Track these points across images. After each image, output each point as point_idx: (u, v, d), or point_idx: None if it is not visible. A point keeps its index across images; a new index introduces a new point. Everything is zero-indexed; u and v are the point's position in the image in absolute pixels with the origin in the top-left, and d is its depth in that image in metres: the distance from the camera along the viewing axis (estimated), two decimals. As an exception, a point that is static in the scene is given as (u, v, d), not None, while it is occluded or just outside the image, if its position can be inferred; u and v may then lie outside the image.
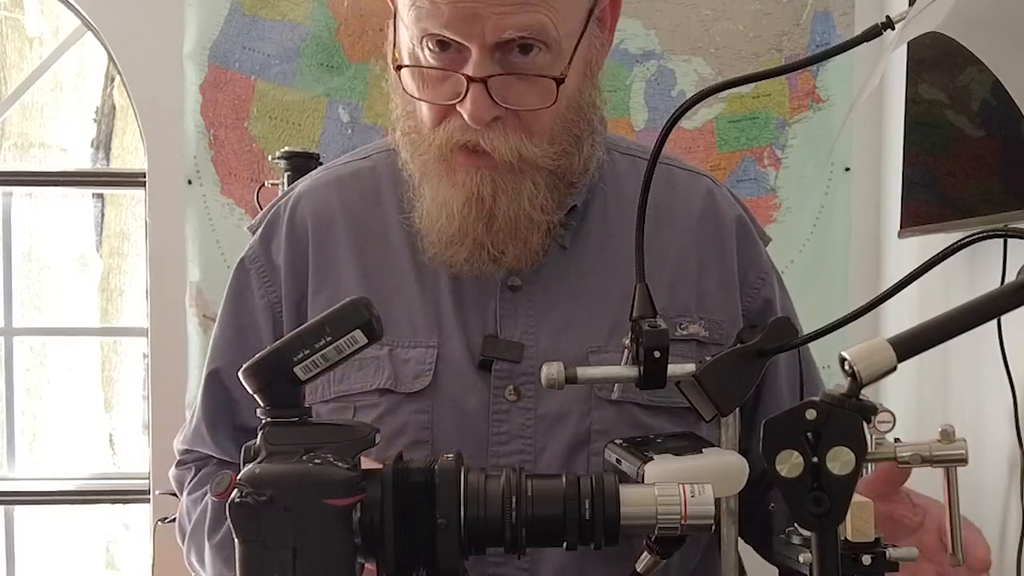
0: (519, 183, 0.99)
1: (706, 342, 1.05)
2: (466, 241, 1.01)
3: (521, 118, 0.97)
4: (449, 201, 1.00)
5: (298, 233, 1.09)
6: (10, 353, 2.90)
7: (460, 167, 0.99)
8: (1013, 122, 1.67)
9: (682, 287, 1.06)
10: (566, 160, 1.02)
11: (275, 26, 2.44)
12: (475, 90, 0.93)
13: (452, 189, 0.99)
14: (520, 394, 1.02)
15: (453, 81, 0.95)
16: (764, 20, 2.46)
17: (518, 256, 1.02)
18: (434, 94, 0.97)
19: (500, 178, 0.98)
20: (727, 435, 0.92)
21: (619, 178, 1.11)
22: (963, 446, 0.75)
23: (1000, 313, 0.68)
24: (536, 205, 1.00)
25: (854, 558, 0.77)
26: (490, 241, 1.01)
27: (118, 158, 4.22)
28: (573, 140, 1.02)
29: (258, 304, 1.09)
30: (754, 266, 1.12)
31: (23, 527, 3.00)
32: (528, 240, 1.01)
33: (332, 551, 0.70)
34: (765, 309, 1.11)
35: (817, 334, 0.74)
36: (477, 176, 0.98)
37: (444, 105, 0.97)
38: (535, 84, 0.95)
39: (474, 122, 0.95)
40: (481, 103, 0.93)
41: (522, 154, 0.97)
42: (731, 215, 1.12)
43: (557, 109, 0.97)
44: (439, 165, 1.00)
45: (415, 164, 1.03)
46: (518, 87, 0.95)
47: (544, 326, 1.04)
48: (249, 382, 0.73)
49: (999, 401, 1.72)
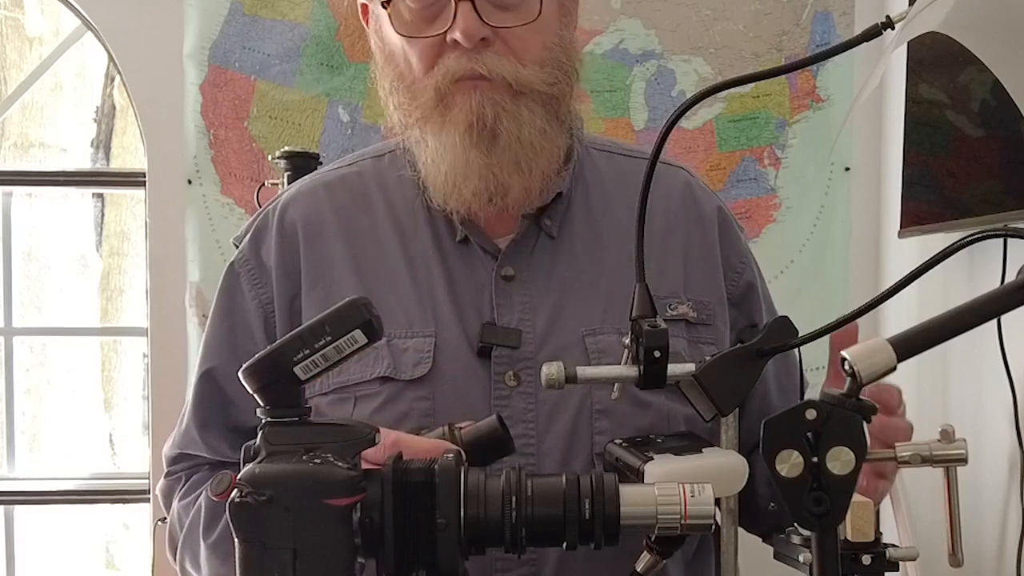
0: (518, 105, 1.02)
1: (695, 322, 1.08)
2: (471, 174, 1.02)
3: (510, 45, 1.01)
4: (452, 133, 1.02)
5: (288, 235, 1.10)
6: (10, 353, 2.90)
7: (460, 98, 1.01)
8: (1013, 122, 1.67)
9: (669, 271, 1.09)
10: (557, 89, 1.05)
11: (275, 26, 2.44)
12: (463, 8, 0.98)
13: (453, 120, 1.02)
14: (520, 379, 1.03)
15: (441, 19, 0.99)
16: (764, 20, 2.46)
17: (523, 187, 1.04)
18: (423, 33, 1.01)
19: (499, 96, 1.01)
20: (727, 435, 0.92)
21: (598, 172, 1.14)
22: (963, 446, 0.75)
23: (1000, 313, 0.68)
24: (535, 129, 1.02)
25: (854, 558, 0.77)
26: (495, 167, 1.02)
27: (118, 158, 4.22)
28: (561, 72, 1.05)
29: (249, 305, 1.10)
30: (735, 252, 1.15)
31: (23, 527, 3.00)
32: (532, 169, 1.03)
33: (332, 551, 0.70)
34: (748, 292, 1.14)
35: (817, 334, 0.74)
36: (477, 95, 1.01)
37: (435, 46, 1.01)
38: (517, 9, 1.00)
39: (467, 39, 0.98)
40: (471, 19, 0.98)
41: (518, 77, 1.01)
42: (711, 205, 1.16)
43: (541, 32, 1.02)
44: (439, 106, 1.02)
45: (414, 118, 1.05)
46: (502, 13, 1.00)
47: (539, 312, 1.06)
48: (249, 382, 0.73)
49: (999, 401, 1.72)
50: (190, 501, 1.09)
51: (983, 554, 1.80)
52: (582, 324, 1.06)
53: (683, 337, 1.06)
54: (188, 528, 1.08)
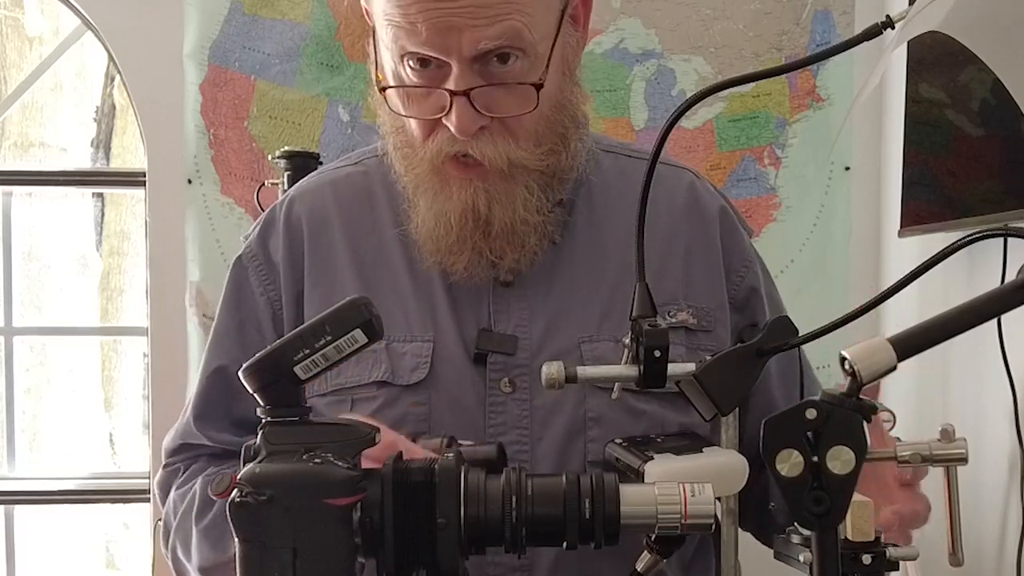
0: (512, 190, 1.01)
1: (695, 329, 1.07)
2: (464, 249, 1.03)
3: (506, 125, 0.99)
4: (446, 212, 1.02)
5: (294, 231, 1.11)
6: (10, 353, 2.90)
7: (453, 179, 1.01)
8: (1013, 122, 1.67)
9: (669, 276, 1.08)
10: (554, 159, 1.04)
11: (275, 25, 2.44)
12: (459, 103, 0.96)
13: (448, 202, 1.02)
14: (515, 386, 1.03)
15: (437, 96, 0.97)
16: (764, 19, 2.46)
17: (516, 259, 1.04)
18: (420, 110, 1.00)
19: (493, 187, 1.01)
20: (727, 435, 0.92)
21: (603, 173, 1.13)
22: (963, 445, 0.75)
23: (1000, 313, 0.68)
24: (531, 208, 1.02)
25: (854, 557, 0.77)
26: (488, 248, 1.03)
27: (118, 158, 4.22)
28: (559, 139, 1.04)
29: (258, 300, 1.10)
30: (738, 255, 1.13)
31: (23, 527, 2.99)
32: (525, 243, 1.04)
33: (332, 551, 0.70)
34: (751, 296, 1.13)
35: (817, 334, 0.74)
36: (471, 188, 1.00)
37: (431, 120, 0.99)
38: (516, 91, 0.98)
39: (461, 134, 0.97)
40: (466, 115, 0.96)
41: (511, 159, 0.99)
42: (714, 206, 1.14)
43: (540, 112, 1.00)
44: (432, 178, 1.02)
45: (409, 177, 1.05)
46: (500, 95, 0.97)
47: (537, 319, 1.06)
48: (249, 382, 0.73)
49: (999, 400, 1.72)
50: (186, 489, 1.09)
51: (983, 554, 1.80)
52: (579, 331, 1.05)
53: (682, 344, 1.05)
54: (182, 514, 1.09)
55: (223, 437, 1.10)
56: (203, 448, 1.12)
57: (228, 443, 1.09)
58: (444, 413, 1.02)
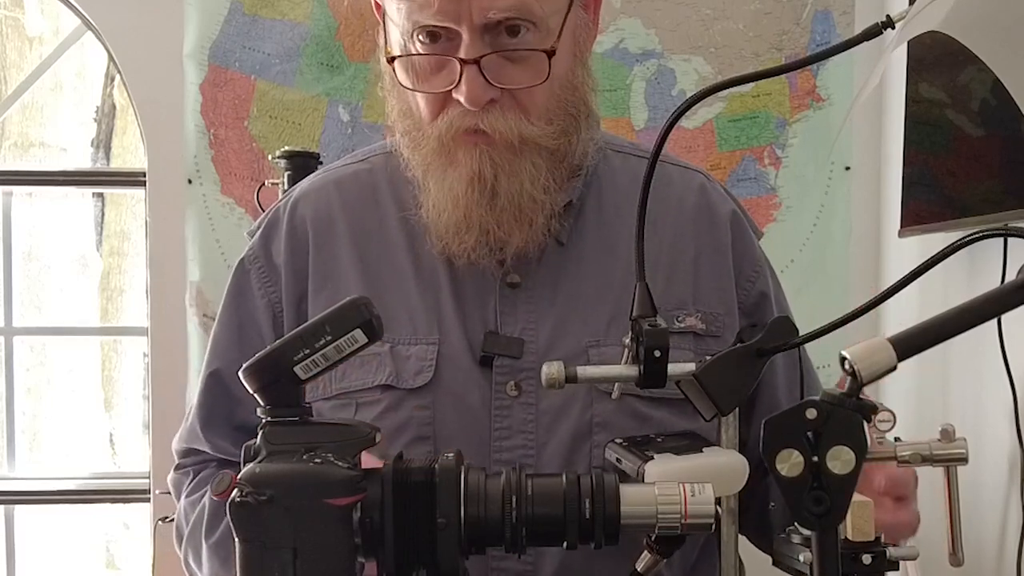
0: (519, 164, 1.00)
1: (703, 334, 1.06)
2: (472, 227, 1.01)
3: (517, 99, 0.98)
4: (454, 186, 1.01)
5: (298, 233, 1.10)
6: (10, 353, 2.90)
7: (461, 148, 1.00)
8: (1013, 122, 1.67)
9: (679, 280, 1.07)
10: (564, 140, 1.03)
11: (275, 26, 2.44)
12: (469, 72, 0.95)
13: (455, 173, 1.01)
14: (521, 389, 1.02)
15: (447, 70, 0.97)
16: (764, 19, 2.46)
17: (524, 240, 1.03)
18: (429, 85, 0.99)
19: (499, 156, 0.99)
20: (727, 435, 0.92)
21: (613, 174, 1.12)
22: (963, 445, 0.75)
23: (1000, 313, 0.68)
24: (538, 185, 1.01)
25: (854, 557, 0.77)
26: (495, 223, 1.01)
27: (118, 158, 4.22)
28: (570, 120, 1.03)
29: (259, 304, 1.09)
30: (748, 259, 1.12)
31: (23, 527, 2.99)
32: (533, 222, 1.02)
33: (332, 551, 0.70)
34: (760, 302, 1.12)
35: (817, 334, 0.74)
36: (476, 153, 0.99)
37: (441, 95, 0.98)
38: (527, 64, 0.97)
39: (471, 103, 0.96)
40: (476, 84, 0.95)
41: (522, 134, 0.99)
42: (725, 210, 1.13)
43: (551, 88, 0.99)
44: (441, 156, 1.01)
45: (417, 160, 1.04)
46: (511, 69, 0.97)
47: (543, 322, 1.04)
48: (249, 382, 0.73)
49: (999, 400, 1.72)
50: (196, 498, 1.10)
51: (983, 554, 1.80)
52: (586, 335, 1.04)
53: (690, 350, 1.04)
54: (192, 525, 1.09)
55: (224, 445, 1.09)
56: (208, 455, 1.13)
57: (230, 453, 1.08)
58: (449, 417, 1.01)
